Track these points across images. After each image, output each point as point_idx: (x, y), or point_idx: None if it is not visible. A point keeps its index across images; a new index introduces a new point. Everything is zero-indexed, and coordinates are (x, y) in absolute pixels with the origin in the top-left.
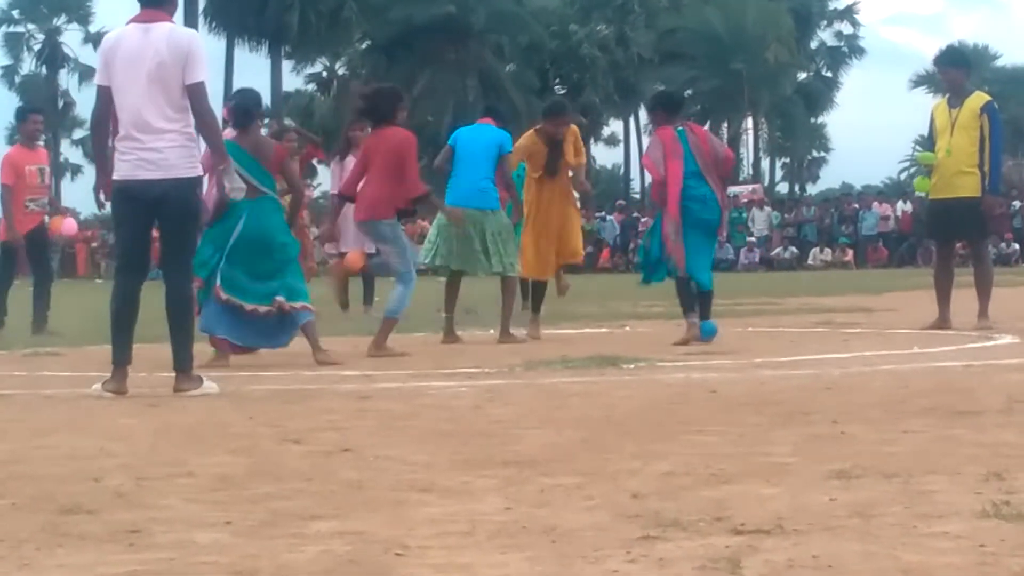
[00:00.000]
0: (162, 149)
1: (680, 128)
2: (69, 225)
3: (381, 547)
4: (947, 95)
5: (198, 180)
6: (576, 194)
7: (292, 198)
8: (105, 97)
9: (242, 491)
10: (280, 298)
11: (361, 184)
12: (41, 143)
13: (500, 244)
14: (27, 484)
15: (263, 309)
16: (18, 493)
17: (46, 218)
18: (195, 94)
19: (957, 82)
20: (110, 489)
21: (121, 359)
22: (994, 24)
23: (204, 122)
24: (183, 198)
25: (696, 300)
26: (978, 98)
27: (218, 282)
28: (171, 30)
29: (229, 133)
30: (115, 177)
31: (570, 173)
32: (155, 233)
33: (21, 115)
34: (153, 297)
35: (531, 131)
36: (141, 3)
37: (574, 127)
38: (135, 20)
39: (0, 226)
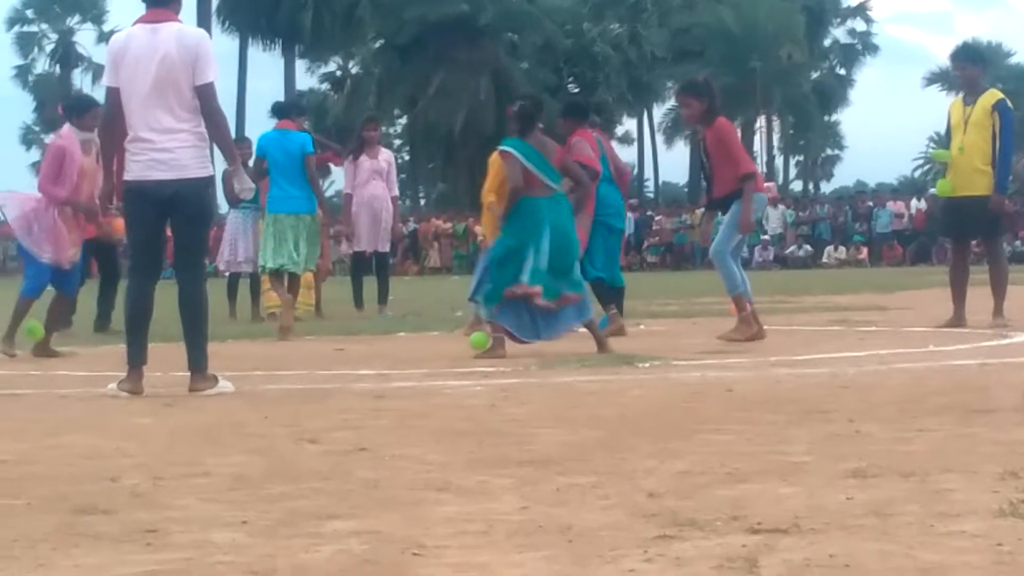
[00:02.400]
0: (173, 149)
1: (596, 135)
2: None
3: (398, 547)
4: (962, 92)
5: (210, 180)
6: None
7: (577, 193)
8: (114, 98)
9: (258, 491)
10: (566, 293)
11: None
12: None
13: (309, 246)
14: (42, 484)
15: (552, 305)
16: (33, 493)
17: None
18: (205, 95)
19: (973, 79)
20: (126, 489)
21: (136, 359)
22: (1000, 22)
23: (214, 123)
24: (196, 198)
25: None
26: (991, 95)
27: (526, 279)
28: (179, 30)
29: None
30: (127, 178)
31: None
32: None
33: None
34: (167, 296)
35: None
36: (147, 3)
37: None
38: (142, 20)
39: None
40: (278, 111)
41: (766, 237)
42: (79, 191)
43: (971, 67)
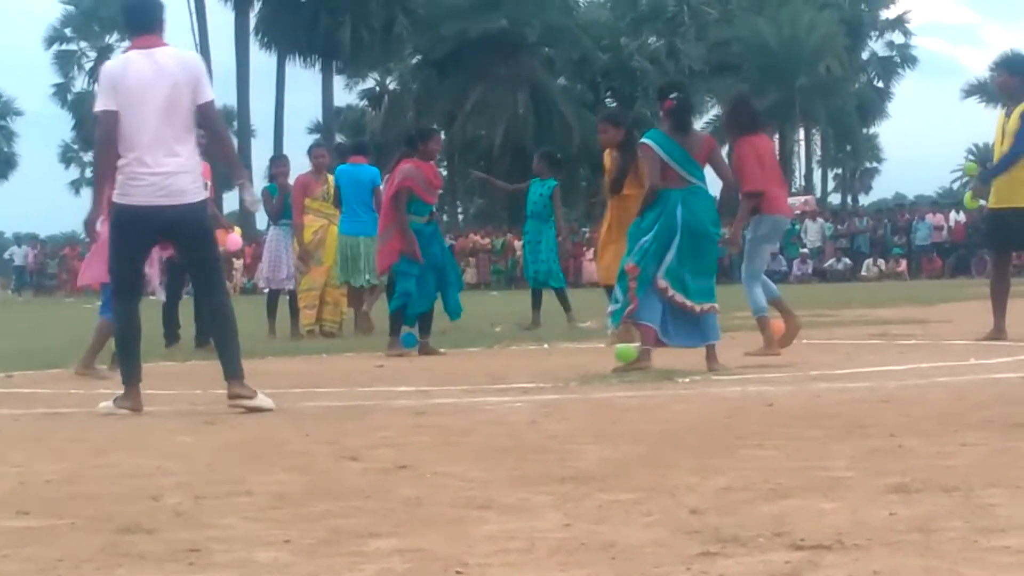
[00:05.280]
0: (173, 175)
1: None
2: (233, 240)
3: (441, 565)
4: (1006, 104)
5: (205, 203)
6: None
7: (723, 189)
8: (111, 122)
9: (300, 509)
10: (703, 303)
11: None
12: None
13: (373, 263)
14: (86, 503)
15: (704, 307)
16: (77, 513)
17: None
18: (208, 112)
19: (1010, 88)
20: (169, 508)
21: (133, 377)
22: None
23: (220, 139)
24: (197, 221)
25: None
26: None
27: (661, 275)
28: (177, 53)
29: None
30: (124, 202)
31: None
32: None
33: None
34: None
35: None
36: (133, 31)
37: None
38: (134, 47)
39: None
40: (354, 149)
41: (805, 250)
42: None
43: (1008, 77)
